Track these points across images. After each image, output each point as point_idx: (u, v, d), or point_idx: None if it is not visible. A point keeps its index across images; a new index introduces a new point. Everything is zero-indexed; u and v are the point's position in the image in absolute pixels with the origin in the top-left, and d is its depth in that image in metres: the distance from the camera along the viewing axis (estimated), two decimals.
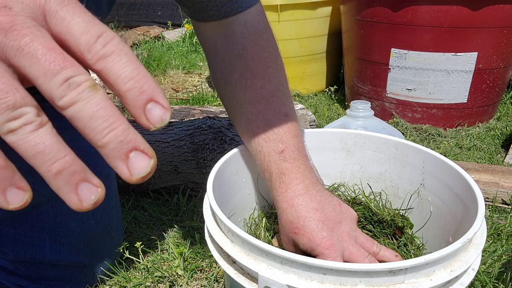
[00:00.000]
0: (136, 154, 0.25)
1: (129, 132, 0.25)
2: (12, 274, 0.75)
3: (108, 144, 0.24)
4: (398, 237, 0.63)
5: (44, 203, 0.72)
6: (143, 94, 0.25)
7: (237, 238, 0.45)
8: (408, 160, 0.65)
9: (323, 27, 1.87)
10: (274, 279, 0.41)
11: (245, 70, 0.64)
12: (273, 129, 0.61)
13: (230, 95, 0.66)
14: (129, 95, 0.25)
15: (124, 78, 0.25)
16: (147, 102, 0.25)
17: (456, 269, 0.41)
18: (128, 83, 0.25)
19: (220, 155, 0.99)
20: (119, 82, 0.25)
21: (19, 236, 0.73)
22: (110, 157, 0.25)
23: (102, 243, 0.79)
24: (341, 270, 0.38)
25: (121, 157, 0.24)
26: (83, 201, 0.25)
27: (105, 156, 0.25)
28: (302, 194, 0.58)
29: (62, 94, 0.24)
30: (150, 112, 0.25)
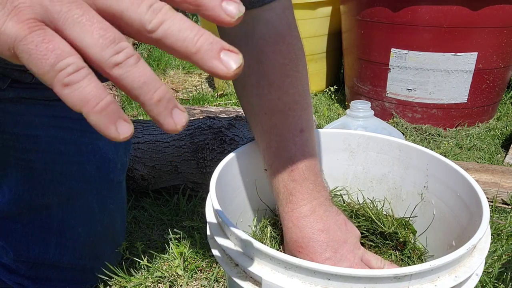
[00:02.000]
0: (225, 53, 0.26)
1: (214, 36, 0.27)
2: (13, 273, 0.75)
3: (202, 47, 0.26)
4: (401, 250, 0.63)
5: (55, 205, 0.72)
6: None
7: (240, 241, 0.45)
8: (411, 162, 0.64)
9: (323, 27, 1.87)
10: (277, 283, 0.41)
11: (262, 77, 0.60)
12: (286, 146, 0.60)
13: (246, 99, 0.64)
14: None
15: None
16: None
17: (460, 275, 0.41)
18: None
19: (220, 155, 0.99)
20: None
21: (26, 234, 0.73)
22: (205, 59, 0.26)
23: (105, 246, 0.79)
24: (346, 276, 0.38)
25: (214, 56, 0.26)
26: (177, 124, 0.27)
27: (200, 61, 0.26)
28: (308, 215, 0.57)
29: (150, 18, 0.26)
30: (226, 7, 0.26)
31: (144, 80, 0.26)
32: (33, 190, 0.71)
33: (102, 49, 0.25)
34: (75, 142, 0.73)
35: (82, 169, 0.73)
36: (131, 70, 0.26)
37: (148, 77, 0.26)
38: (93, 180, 0.74)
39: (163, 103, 0.27)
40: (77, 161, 0.73)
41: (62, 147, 0.72)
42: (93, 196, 0.75)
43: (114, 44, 0.26)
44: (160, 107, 0.27)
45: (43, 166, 0.71)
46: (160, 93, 0.27)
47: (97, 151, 0.75)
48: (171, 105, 0.27)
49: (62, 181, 0.72)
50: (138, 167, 1.06)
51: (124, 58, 0.26)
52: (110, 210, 0.78)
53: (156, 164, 1.06)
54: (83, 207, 0.74)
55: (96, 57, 0.25)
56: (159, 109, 0.27)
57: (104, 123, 0.27)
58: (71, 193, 0.73)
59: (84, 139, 0.73)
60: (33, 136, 0.70)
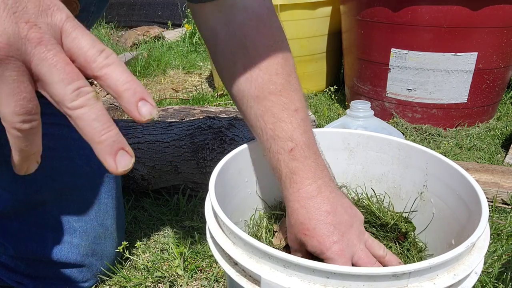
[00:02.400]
0: (122, 153, 0.32)
1: (119, 135, 0.32)
2: (12, 271, 0.75)
3: (104, 141, 0.31)
4: (401, 242, 0.63)
5: (50, 201, 0.73)
6: (136, 94, 0.33)
7: (239, 240, 0.45)
8: (411, 162, 0.64)
9: (323, 27, 1.87)
10: (276, 282, 0.41)
11: (248, 61, 0.60)
12: (282, 126, 0.58)
13: (235, 87, 0.63)
14: (125, 95, 0.32)
15: (122, 82, 0.32)
16: (139, 100, 0.32)
17: (459, 273, 0.41)
18: (124, 85, 0.32)
19: (220, 155, 0.99)
20: (118, 85, 0.32)
21: (22, 231, 0.73)
22: (103, 152, 0.32)
23: (104, 243, 0.79)
24: (345, 274, 0.38)
25: (111, 153, 0.32)
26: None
27: (98, 151, 0.32)
28: (315, 195, 0.56)
29: (73, 99, 0.31)
30: (141, 108, 0.32)
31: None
32: (27, 188, 0.72)
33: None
34: (64, 137, 0.73)
35: (73, 164, 0.74)
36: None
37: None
38: (85, 175, 0.75)
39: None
40: (68, 156, 0.74)
41: (51, 143, 0.72)
42: (86, 190, 0.75)
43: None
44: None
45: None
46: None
47: (86, 146, 0.75)
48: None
49: (55, 177, 0.73)
50: (138, 167, 1.06)
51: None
52: (105, 204, 0.78)
53: (156, 164, 1.06)
54: (78, 202, 0.75)
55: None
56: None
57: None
58: (64, 188, 0.74)
59: (73, 134, 0.73)
60: None
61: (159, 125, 1.13)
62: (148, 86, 2.20)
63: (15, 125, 0.31)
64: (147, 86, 2.19)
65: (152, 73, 2.37)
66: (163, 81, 2.28)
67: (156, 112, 0.33)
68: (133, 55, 2.50)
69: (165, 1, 3.61)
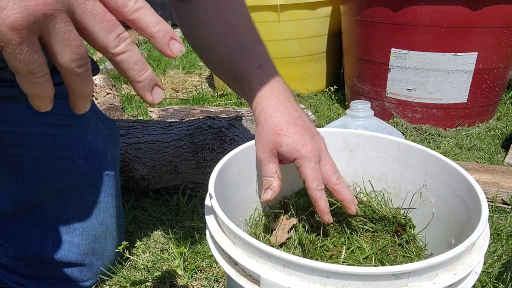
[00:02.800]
0: (157, 88, 0.37)
1: (153, 74, 0.37)
2: (12, 272, 0.75)
3: (145, 79, 0.36)
4: (400, 234, 0.63)
5: (49, 200, 0.73)
6: (167, 34, 0.36)
7: (239, 240, 0.45)
8: (410, 161, 0.64)
9: (323, 27, 1.87)
10: (276, 281, 0.41)
11: (219, 8, 0.69)
12: (251, 49, 0.66)
13: (205, 33, 0.70)
14: (158, 35, 0.35)
15: (153, 23, 0.35)
16: (169, 40, 0.36)
17: (459, 273, 0.41)
18: (156, 27, 0.35)
19: (220, 155, 0.99)
20: (150, 26, 0.35)
21: (22, 231, 0.73)
22: (143, 88, 0.36)
23: (104, 243, 0.79)
24: (344, 273, 0.38)
25: (149, 89, 0.36)
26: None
27: (138, 88, 0.36)
28: (285, 102, 0.61)
29: (116, 44, 0.34)
30: (173, 45, 0.36)
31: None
32: (26, 188, 0.72)
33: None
34: (62, 136, 0.74)
35: (72, 163, 0.74)
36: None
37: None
38: (85, 174, 0.75)
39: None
40: (66, 156, 0.74)
41: (50, 142, 0.73)
42: (85, 189, 0.75)
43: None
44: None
45: (31, 161, 0.72)
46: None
47: (86, 145, 0.76)
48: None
49: (54, 176, 0.73)
50: (138, 167, 1.06)
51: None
52: (104, 203, 0.78)
53: (156, 164, 1.06)
54: (77, 201, 0.75)
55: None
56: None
57: None
58: (63, 187, 0.74)
59: (72, 134, 0.75)
60: (19, 133, 0.71)
61: (159, 125, 1.13)
62: None
63: (73, 71, 0.34)
64: None
65: None
66: (163, 81, 2.28)
67: (184, 49, 0.37)
68: None
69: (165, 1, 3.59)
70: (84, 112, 0.38)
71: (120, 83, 2.13)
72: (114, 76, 2.19)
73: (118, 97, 1.65)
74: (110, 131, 0.84)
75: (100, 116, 0.84)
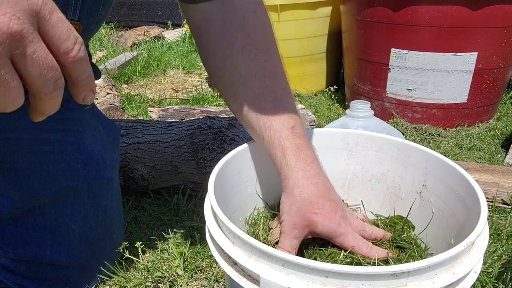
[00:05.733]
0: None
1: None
2: (12, 273, 0.75)
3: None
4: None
5: (47, 204, 0.72)
6: (89, 87, 0.40)
7: (238, 240, 0.45)
8: (410, 161, 0.64)
9: (323, 27, 1.87)
10: (275, 281, 0.41)
11: (247, 42, 0.62)
12: (282, 103, 0.60)
13: (230, 68, 0.63)
14: (83, 87, 0.40)
15: (83, 77, 0.39)
16: (88, 91, 0.41)
17: (458, 272, 0.41)
18: (84, 80, 0.39)
19: (220, 155, 0.99)
20: (80, 79, 0.39)
21: (20, 234, 0.73)
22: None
23: (103, 245, 0.79)
24: (344, 273, 0.38)
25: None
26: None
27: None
28: (319, 172, 0.57)
29: (51, 90, 0.36)
30: (87, 97, 0.41)
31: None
32: (22, 193, 0.71)
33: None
34: (59, 141, 0.72)
35: (70, 167, 0.73)
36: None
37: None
38: (82, 178, 0.74)
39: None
40: (64, 160, 0.73)
41: (46, 148, 0.71)
42: (84, 193, 0.74)
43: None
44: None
45: (28, 167, 0.70)
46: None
47: (83, 149, 0.74)
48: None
49: (51, 181, 0.72)
50: (138, 167, 1.06)
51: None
52: (103, 206, 0.77)
53: (156, 164, 1.06)
54: (75, 205, 0.74)
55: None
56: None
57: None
58: (61, 192, 0.73)
59: (69, 138, 0.73)
60: (14, 139, 0.70)
61: (159, 125, 1.13)
62: (148, 86, 2.20)
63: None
64: (147, 86, 2.20)
65: (152, 73, 2.37)
66: (163, 81, 2.28)
67: (93, 100, 0.42)
68: (133, 55, 2.50)
69: (165, 1, 3.61)
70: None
71: (120, 83, 2.13)
72: (114, 76, 2.19)
73: (118, 97, 1.65)
74: (109, 133, 0.83)
75: (99, 118, 0.83)
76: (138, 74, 2.31)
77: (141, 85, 2.21)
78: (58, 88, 0.37)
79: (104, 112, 1.49)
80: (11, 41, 0.32)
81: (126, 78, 2.24)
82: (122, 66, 2.31)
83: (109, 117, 1.48)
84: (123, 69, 2.31)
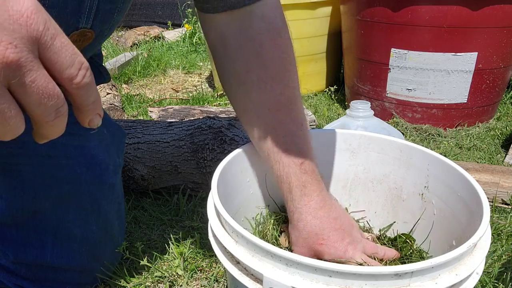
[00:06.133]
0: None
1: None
2: (12, 275, 0.75)
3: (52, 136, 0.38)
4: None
5: (47, 208, 0.72)
6: (95, 112, 0.38)
7: (242, 239, 0.45)
8: (412, 162, 0.64)
9: (323, 27, 1.87)
10: (279, 280, 0.41)
11: (263, 72, 0.60)
12: (294, 139, 0.60)
13: (244, 96, 0.63)
14: (88, 113, 0.38)
15: (89, 103, 0.37)
16: (94, 115, 0.39)
17: (461, 273, 0.41)
18: (90, 105, 0.37)
19: (220, 155, 0.99)
20: (85, 105, 0.37)
21: (21, 237, 0.72)
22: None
23: (104, 248, 0.79)
24: (347, 273, 0.38)
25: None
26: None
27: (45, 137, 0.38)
28: (323, 206, 0.59)
29: (52, 118, 0.35)
30: (93, 121, 0.39)
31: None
32: (24, 195, 0.70)
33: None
34: (63, 145, 0.72)
35: (72, 172, 0.72)
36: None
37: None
38: (85, 183, 0.73)
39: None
40: (67, 164, 0.72)
41: (50, 151, 0.71)
42: (85, 198, 0.74)
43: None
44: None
45: (30, 169, 0.70)
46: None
47: (87, 153, 0.74)
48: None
49: (53, 185, 0.71)
50: (138, 167, 1.06)
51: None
52: (105, 211, 0.77)
53: (156, 164, 1.06)
54: (77, 209, 0.73)
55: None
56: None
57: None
58: (63, 196, 0.72)
59: (74, 142, 0.72)
60: (19, 141, 0.69)
61: (159, 125, 1.13)
62: (148, 86, 2.20)
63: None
64: (147, 86, 2.20)
65: (152, 73, 2.36)
66: (163, 81, 2.28)
67: (100, 123, 0.40)
68: (133, 55, 2.49)
69: (165, 1, 3.60)
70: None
71: (120, 83, 2.13)
72: (114, 76, 2.19)
73: (118, 97, 1.65)
74: (114, 137, 0.82)
75: (105, 121, 0.80)
76: (138, 74, 2.31)
77: (141, 85, 2.21)
78: (60, 116, 0.35)
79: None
80: (7, 71, 0.30)
81: (126, 78, 2.24)
82: (122, 66, 2.31)
83: None
84: (123, 69, 2.31)
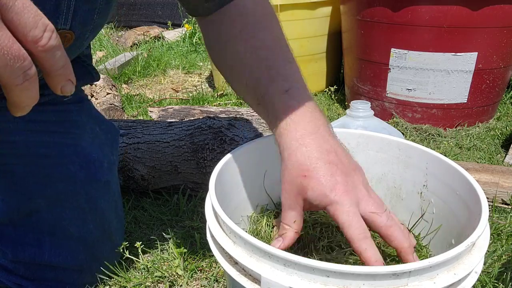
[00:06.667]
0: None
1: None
2: (11, 274, 0.75)
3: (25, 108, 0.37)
4: None
5: (43, 208, 0.72)
6: (66, 78, 0.37)
7: (239, 239, 0.45)
8: (411, 161, 0.64)
9: (323, 27, 1.87)
10: (277, 281, 0.41)
11: (245, 24, 0.61)
12: (278, 70, 0.56)
13: (230, 51, 0.62)
14: (58, 78, 0.37)
15: (58, 67, 0.36)
16: (66, 81, 0.38)
17: (459, 272, 0.41)
18: (59, 70, 0.36)
19: (220, 155, 0.99)
20: (54, 69, 0.36)
21: (19, 237, 0.72)
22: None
23: (102, 247, 0.79)
24: (345, 273, 0.38)
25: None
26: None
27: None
28: (313, 132, 0.51)
29: (21, 81, 0.34)
30: (65, 87, 0.38)
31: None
32: (19, 195, 0.71)
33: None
34: (56, 144, 0.72)
35: (66, 170, 0.72)
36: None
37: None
38: (79, 181, 0.73)
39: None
40: (60, 163, 0.72)
41: (43, 150, 0.71)
42: (81, 196, 0.74)
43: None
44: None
45: (23, 169, 0.70)
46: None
47: (80, 152, 0.74)
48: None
49: (47, 184, 0.71)
50: (138, 167, 1.06)
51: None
52: (101, 209, 0.77)
53: (156, 164, 1.06)
54: (73, 208, 0.74)
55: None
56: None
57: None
58: (58, 195, 0.72)
59: (67, 141, 0.72)
60: (10, 142, 0.69)
61: (159, 125, 1.13)
62: (148, 86, 2.20)
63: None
64: (147, 86, 2.20)
65: (152, 73, 2.37)
66: (163, 81, 2.28)
67: (73, 90, 0.39)
68: (133, 55, 2.50)
69: (165, 1, 3.61)
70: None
71: (120, 83, 2.13)
72: (114, 76, 2.19)
73: (118, 97, 1.65)
74: (108, 135, 0.82)
75: (98, 120, 0.81)
76: (138, 74, 2.31)
77: (141, 85, 2.21)
78: (29, 79, 0.34)
79: (104, 112, 1.49)
80: None
81: (126, 78, 2.24)
82: (122, 66, 2.31)
83: (109, 117, 1.48)
84: (123, 69, 2.31)
